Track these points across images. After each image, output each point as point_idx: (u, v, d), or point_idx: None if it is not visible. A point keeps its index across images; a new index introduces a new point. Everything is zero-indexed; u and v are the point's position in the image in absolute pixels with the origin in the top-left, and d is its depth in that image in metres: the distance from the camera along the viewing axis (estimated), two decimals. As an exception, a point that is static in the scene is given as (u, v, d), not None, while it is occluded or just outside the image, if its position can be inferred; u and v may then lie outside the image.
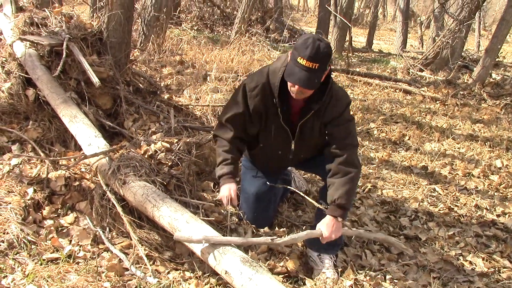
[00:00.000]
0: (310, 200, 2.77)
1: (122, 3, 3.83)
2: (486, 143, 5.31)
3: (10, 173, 3.00)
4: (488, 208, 3.84)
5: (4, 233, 2.55)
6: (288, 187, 3.00)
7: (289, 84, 2.42)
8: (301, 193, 2.87)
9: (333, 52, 9.92)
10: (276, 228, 3.11)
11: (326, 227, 2.49)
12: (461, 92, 7.46)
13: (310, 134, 2.65)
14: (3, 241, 2.51)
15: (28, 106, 3.64)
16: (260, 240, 2.42)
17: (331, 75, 2.55)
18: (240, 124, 2.72)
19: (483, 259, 3.13)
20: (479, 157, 4.91)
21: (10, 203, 2.75)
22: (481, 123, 6.18)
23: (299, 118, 2.59)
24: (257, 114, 2.64)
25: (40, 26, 3.88)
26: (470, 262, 3.10)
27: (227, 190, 2.67)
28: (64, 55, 3.51)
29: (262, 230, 3.02)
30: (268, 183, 2.90)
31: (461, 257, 3.14)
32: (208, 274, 2.53)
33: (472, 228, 3.50)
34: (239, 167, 3.00)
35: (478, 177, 4.40)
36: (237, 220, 3.05)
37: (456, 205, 3.83)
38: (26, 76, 3.66)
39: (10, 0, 4.87)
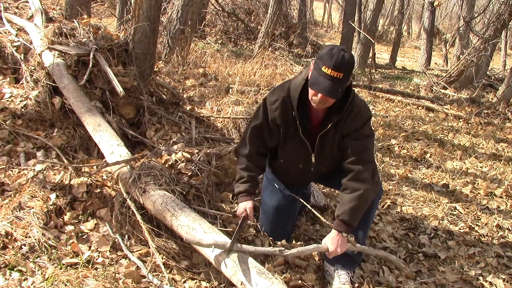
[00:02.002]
0: (316, 213, 2.76)
1: (148, 16, 3.91)
2: (510, 163, 5.22)
3: (34, 179, 3.06)
4: (510, 228, 3.77)
5: (26, 237, 2.60)
6: (305, 203, 2.97)
7: (310, 93, 2.43)
8: (314, 211, 2.85)
9: (356, 68, 9.98)
10: (293, 242, 3.11)
11: (331, 241, 2.49)
12: (485, 111, 7.37)
13: (330, 147, 2.65)
14: (25, 245, 2.56)
15: (54, 113, 3.73)
16: (269, 250, 2.41)
17: (352, 88, 2.56)
18: (259, 137, 2.75)
19: (503, 280, 3.07)
20: (502, 176, 4.83)
21: (33, 207, 2.81)
22: (505, 143, 6.08)
23: (319, 129, 2.59)
24: (276, 127, 2.66)
25: (68, 36, 3.97)
26: (490, 283, 3.05)
27: (243, 208, 2.70)
28: (90, 65, 3.59)
29: (279, 243, 3.02)
30: (289, 193, 2.91)
31: (481, 277, 3.09)
32: (224, 284, 2.54)
33: (493, 248, 3.44)
34: (259, 183, 3.01)
35: (501, 197, 4.33)
36: (254, 231, 3.06)
37: (477, 225, 3.78)
38: (53, 84, 3.75)
39: (40, 11, 5.03)
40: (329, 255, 2.49)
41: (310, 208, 2.85)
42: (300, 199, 2.92)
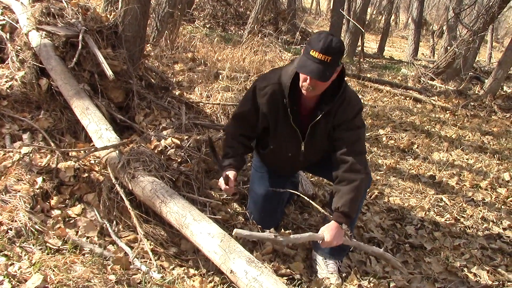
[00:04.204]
0: (316, 205, 2.73)
1: (139, -3, 3.84)
2: (495, 156, 5.29)
3: (20, 162, 3.00)
4: (495, 221, 3.82)
5: (12, 221, 2.55)
6: (295, 192, 2.95)
7: (301, 79, 2.42)
8: (307, 199, 2.82)
9: (344, 56, 9.96)
10: (282, 230, 3.11)
11: (329, 232, 2.45)
12: (472, 103, 7.44)
13: (320, 137, 2.64)
14: (11, 229, 2.51)
15: (40, 95, 3.65)
16: (265, 236, 2.39)
17: (345, 78, 2.55)
18: (246, 123, 2.75)
19: (487, 271, 3.12)
20: (487, 169, 4.89)
21: (19, 191, 2.75)
22: (490, 135, 6.15)
23: (310, 119, 2.58)
24: (265, 113, 2.64)
25: (56, 16, 3.88)
26: (475, 274, 3.09)
27: (225, 175, 2.65)
28: (80, 47, 3.52)
29: (268, 231, 3.02)
30: (272, 189, 2.90)
31: (465, 269, 3.13)
32: (212, 272, 2.53)
33: (478, 240, 3.49)
34: (245, 161, 2.99)
35: (486, 189, 4.39)
36: (243, 219, 3.06)
37: (462, 216, 3.82)
38: (40, 65, 3.66)
39: (27, -11, 4.89)
40: (323, 245, 2.47)
41: (305, 198, 2.82)
42: (285, 190, 2.90)
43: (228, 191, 2.71)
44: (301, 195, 2.84)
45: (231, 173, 2.65)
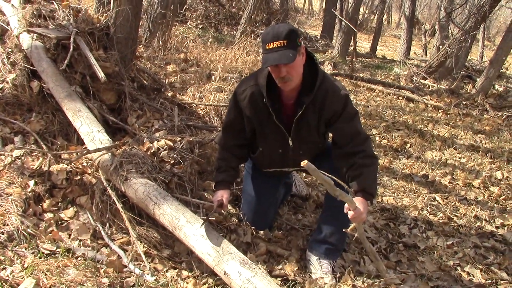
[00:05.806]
0: (339, 181, 2.50)
1: (131, -1, 3.82)
2: (487, 154, 5.31)
3: (12, 165, 2.99)
4: (487, 219, 3.83)
5: (4, 225, 2.53)
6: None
7: (274, 76, 2.44)
8: (334, 178, 2.54)
9: (337, 56, 9.98)
10: (276, 231, 3.11)
11: (361, 205, 2.39)
12: (464, 102, 7.47)
13: (307, 130, 2.63)
14: (3, 233, 2.49)
15: (32, 98, 3.63)
16: (325, 178, 2.11)
17: (318, 65, 2.56)
18: (235, 130, 2.78)
19: (481, 270, 3.12)
20: (479, 168, 4.91)
21: (11, 194, 2.74)
22: (482, 134, 6.17)
23: (294, 114, 2.58)
24: (249, 116, 2.66)
25: (47, 18, 3.87)
26: (468, 273, 3.09)
27: (220, 196, 2.71)
28: (71, 49, 3.50)
29: (261, 232, 3.02)
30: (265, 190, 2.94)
31: (459, 268, 3.13)
32: (206, 274, 2.53)
33: (471, 239, 3.49)
34: (239, 173, 3.02)
35: (478, 188, 4.40)
36: (236, 221, 3.05)
37: (455, 215, 3.83)
38: (31, 68, 3.65)
39: (18, -9, 4.86)
40: (354, 215, 2.33)
41: (336, 179, 2.69)
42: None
43: (220, 211, 2.83)
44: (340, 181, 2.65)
45: (224, 197, 2.71)
